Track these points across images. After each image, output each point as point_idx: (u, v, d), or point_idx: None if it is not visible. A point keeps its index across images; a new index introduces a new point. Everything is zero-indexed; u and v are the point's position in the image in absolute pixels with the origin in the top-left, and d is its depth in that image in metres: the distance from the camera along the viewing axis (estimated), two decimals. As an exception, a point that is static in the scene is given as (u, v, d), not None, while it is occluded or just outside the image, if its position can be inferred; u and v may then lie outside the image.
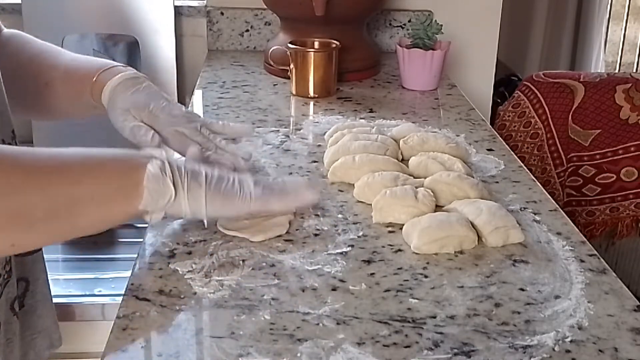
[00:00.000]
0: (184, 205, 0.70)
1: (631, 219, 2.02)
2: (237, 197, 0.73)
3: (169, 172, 0.69)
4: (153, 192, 0.68)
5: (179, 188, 0.70)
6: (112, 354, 0.61)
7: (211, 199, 0.71)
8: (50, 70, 0.91)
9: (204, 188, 0.71)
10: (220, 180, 0.73)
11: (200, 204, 0.71)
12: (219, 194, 0.72)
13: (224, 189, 0.72)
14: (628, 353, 0.63)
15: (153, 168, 0.68)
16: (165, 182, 0.69)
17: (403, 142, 1.04)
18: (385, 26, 1.73)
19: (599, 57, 3.26)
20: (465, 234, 0.79)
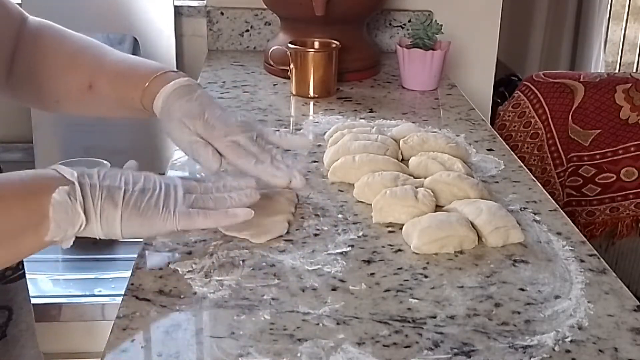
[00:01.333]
0: (97, 229, 0.65)
1: (631, 219, 2.02)
2: (158, 217, 0.68)
3: (79, 196, 0.63)
4: (61, 222, 0.62)
5: (90, 213, 0.64)
6: (112, 354, 0.61)
7: (127, 220, 0.66)
8: (95, 71, 0.86)
9: (120, 208, 0.65)
10: (141, 197, 0.67)
11: (114, 226, 0.66)
12: (137, 213, 0.67)
13: (143, 208, 0.67)
14: (628, 353, 0.63)
15: (59, 196, 0.62)
16: (75, 209, 0.63)
17: (403, 142, 1.04)
18: (385, 26, 1.73)
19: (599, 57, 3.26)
20: (465, 234, 0.79)
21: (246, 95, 1.36)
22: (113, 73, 0.85)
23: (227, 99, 1.33)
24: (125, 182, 0.67)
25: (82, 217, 0.63)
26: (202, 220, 0.70)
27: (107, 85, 0.85)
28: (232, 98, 1.34)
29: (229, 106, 1.29)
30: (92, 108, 0.89)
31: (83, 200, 0.63)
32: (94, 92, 0.85)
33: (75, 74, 0.85)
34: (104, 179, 0.66)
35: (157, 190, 0.69)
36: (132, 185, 0.68)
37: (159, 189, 0.69)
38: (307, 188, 0.76)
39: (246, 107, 1.29)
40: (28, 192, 0.62)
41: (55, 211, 0.62)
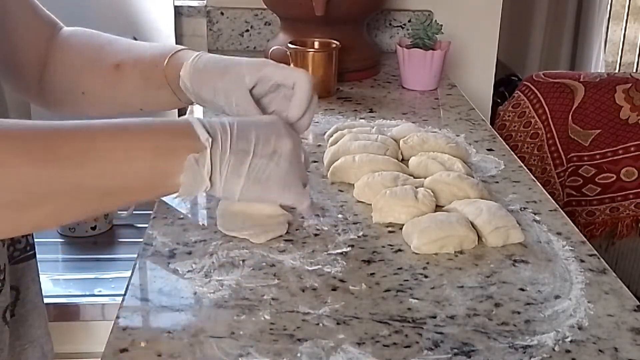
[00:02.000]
0: (217, 192, 0.67)
1: (631, 219, 2.02)
2: (276, 191, 0.69)
3: (207, 164, 0.64)
4: (188, 186, 0.64)
5: (216, 179, 0.65)
6: (112, 354, 0.61)
7: (247, 190, 0.67)
8: (123, 54, 0.86)
9: (243, 179, 0.66)
10: (266, 168, 0.67)
11: (234, 193, 0.67)
12: (259, 185, 0.67)
13: (265, 180, 0.67)
14: (628, 353, 0.63)
15: (189, 164, 0.63)
16: (201, 176, 0.64)
17: (403, 142, 1.04)
18: (385, 26, 1.73)
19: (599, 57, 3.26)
20: (465, 234, 0.79)
21: (246, 95, 1.36)
22: (138, 53, 0.86)
23: (227, 99, 1.33)
24: (256, 143, 0.67)
25: (207, 184, 0.65)
26: (306, 203, 0.72)
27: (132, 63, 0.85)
28: (232, 98, 1.34)
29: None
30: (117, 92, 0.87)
31: (211, 168, 0.64)
32: (121, 71, 0.85)
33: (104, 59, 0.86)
34: (238, 140, 0.66)
35: (284, 160, 0.69)
36: (261, 150, 0.67)
37: (287, 159, 0.69)
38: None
39: (246, 107, 1.29)
40: (158, 153, 0.62)
41: (185, 176, 0.63)
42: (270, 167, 0.68)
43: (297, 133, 0.76)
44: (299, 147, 0.71)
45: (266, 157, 0.67)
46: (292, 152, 0.69)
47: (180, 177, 0.63)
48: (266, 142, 0.68)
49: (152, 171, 0.62)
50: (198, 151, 0.63)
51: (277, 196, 0.70)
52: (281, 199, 0.71)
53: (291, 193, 0.70)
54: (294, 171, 0.70)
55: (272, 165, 0.68)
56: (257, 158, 0.67)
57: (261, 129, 0.68)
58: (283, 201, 0.71)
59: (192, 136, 0.64)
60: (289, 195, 0.70)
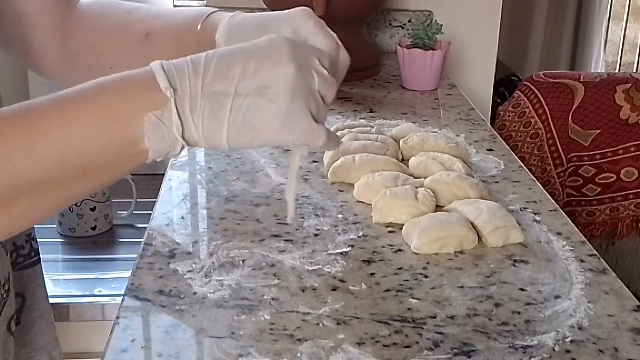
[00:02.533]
0: (201, 144, 0.57)
1: (631, 219, 2.02)
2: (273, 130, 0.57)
3: (175, 118, 0.55)
4: (157, 148, 0.55)
5: (191, 132, 0.56)
6: (112, 354, 0.61)
7: (235, 136, 0.57)
8: (150, 21, 0.78)
9: (226, 125, 0.56)
10: (255, 106, 0.56)
11: (220, 142, 0.57)
12: (249, 127, 0.56)
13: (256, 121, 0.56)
14: (628, 353, 0.63)
15: (151, 124, 0.54)
16: (171, 133, 0.55)
17: (403, 142, 1.04)
18: (385, 26, 1.73)
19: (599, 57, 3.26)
20: (465, 234, 0.79)
21: (246, 95, 1.36)
22: (168, 19, 0.78)
23: (227, 99, 1.33)
24: (239, 78, 0.56)
25: (180, 141, 0.55)
26: (320, 139, 0.59)
27: (162, 30, 0.78)
28: (232, 98, 1.34)
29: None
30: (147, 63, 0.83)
31: (181, 121, 0.55)
32: (151, 40, 0.78)
33: (130, 28, 0.79)
34: (213, 80, 0.55)
35: (281, 94, 0.56)
36: (247, 86, 0.56)
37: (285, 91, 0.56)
38: None
39: (246, 107, 1.29)
40: (114, 120, 0.54)
41: (150, 139, 0.54)
42: (261, 105, 0.56)
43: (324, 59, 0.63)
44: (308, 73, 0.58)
45: (253, 94, 0.56)
46: (294, 82, 0.56)
47: (145, 141, 0.55)
48: (254, 74, 0.56)
49: (114, 141, 0.54)
50: (158, 106, 0.54)
51: (276, 137, 0.58)
52: (282, 138, 0.58)
53: (296, 131, 0.58)
54: (297, 106, 0.57)
55: (264, 103, 0.56)
56: (240, 97, 0.56)
57: (251, 58, 0.57)
58: (286, 140, 0.59)
59: (151, 88, 0.55)
60: (292, 134, 0.58)
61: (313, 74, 0.59)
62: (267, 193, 0.92)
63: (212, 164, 1.02)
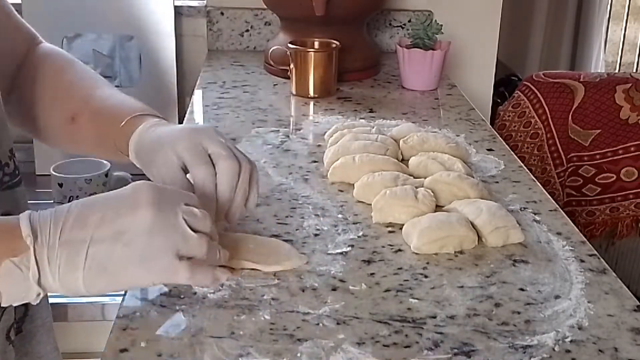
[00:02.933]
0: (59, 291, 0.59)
1: (631, 219, 2.02)
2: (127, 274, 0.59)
3: (33, 266, 0.56)
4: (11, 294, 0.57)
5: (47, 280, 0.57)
6: (112, 354, 0.61)
7: (91, 282, 0.58)
8: (81, 105, 0.82)
9: (81, 271, 0.57)
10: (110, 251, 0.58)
11: (77, 289, 0.59)
12: (103, 273, 0.58)
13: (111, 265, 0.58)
14: (628, 353, 0.63)
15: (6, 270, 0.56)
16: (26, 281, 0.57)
17: (403, 142, 1.04)
18: (385, 26, 1.73)
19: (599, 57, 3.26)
20: (465, 234, 0.79)
21: (246, 95, 1.36)
22: (96, 109, 0.81)
23: (227, 99, 1.33)
24: (96, 226, 0.58)
25: (36, 289, 0.57)
26: (182, 275, 0.61)
27: (87, 121, 0.81)
28: (232, 98, 1.34)
29: (229, 106, 1.29)
30: (73, 142, 0.85)
31: (38, 269, 0.57)
32: (76, 125, 0.82)
33: (62, 106, 0.83)
34: (71, 228, 0.58)
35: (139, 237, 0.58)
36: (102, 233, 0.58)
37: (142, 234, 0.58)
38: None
39: (246, 107, 1.29)
40: None
41: (5, 285, 0.56)
42: (116, 250, 0.58)
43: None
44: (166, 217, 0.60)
45: (109, 240, 0.58)
46: (151, 224, 0.58)
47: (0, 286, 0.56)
48: (111, 221, 0.58)
49: None
50: (18, 253, 0.56)
51: (132, 280, 0.60)
52: (139, 281, 0.60)
53: (153, 272, 0.59)
54: (155, 246, 0.59)
55: (119, 248, 0.58)
56: (95, 245, 0.57)
57: (110, 206, 0.59)
58: (145, 282, 0.61)
59: (14, 234, 0.57)
60: (149, 275, 0.60)
61: (177, 212, 0.61)
62: (267, 193, 0.92)
63: (212, 164, 1.01)
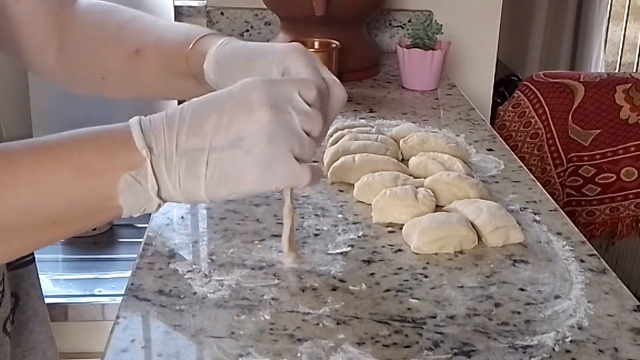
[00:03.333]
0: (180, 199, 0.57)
1: (631, 219, 2.02)
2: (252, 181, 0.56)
3: (151, 177, 0.54)
4: (132, 207, 0.55)
5: (168, 190, 0.55)
6: (112, 354, 0.61)
7: (214, 190, 0.56)
8: (143, 37, 0.78)
9: (203, 180, 0.55)
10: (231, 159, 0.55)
11: (199, 197, 0.56)
12: (225, 181, 0.56)
13: (232, 174, 0.56)
14: (628, 353, 0.63)
15: (125, 183, 0.54)
16: (146, 193, 0.55)
17: (403, 142, 1.04)
18: (385, 26, 1.73)
19: (599, 57, 3.26)
20: (465, 234, 0.79)
21: (246, 95, 1.36)
22: (159, 36, 0.78)
23: (227, 99, 1.33)
24: (213, 132, 0.55)
25: (156, 200, 0.55)
26: (304, 179, 0.58)
27: (153, 48, 0.77)
28: (232, 98, 1.34)
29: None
30: (138, 78, 0.80)
31: (157, 181, 0.55)
32: (141, 56, 0.77)
33: (122, 42, 0.79)
34: (187, 136, 0.55)
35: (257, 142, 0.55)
36: (220, 139, 0.55)
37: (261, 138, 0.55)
38: None
39: (246, 107, 1.29)
40: (88, 175, 0.53)
41: (124, 198, 0.54)
42: (237, 157, 0.55)
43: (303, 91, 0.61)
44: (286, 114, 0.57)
45: (229, 147, 0.55)
46: (269, 128, 0.56)
47: (119, 199, 0.54)
48: (228, 126, 0.55)
49: (87, 196, 0.54)
50: (134, 166, 0.54)
51: (256, 187, 0.57)
52: (264, 187, 0.57)
53: (277, 177, 0.57)
54: (276, 151, 0.56)
55: (240, 155, 0.55)
56: (215, 152, 0.55)
57: (224, 108, 0.56)
58: (268, 188, 0.58)
59: (128, 146, 0.54)
60: (274, 181, 0.57)
61: (291, 112, 0.58)
62: (267, 193, 0.92)
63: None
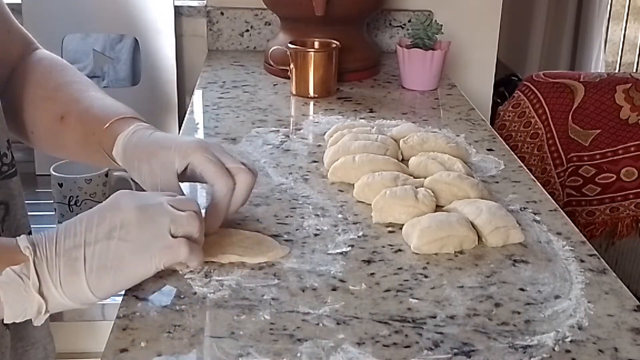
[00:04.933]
0: (67, 304, 0.60)
1: (631, 219, 2.02)
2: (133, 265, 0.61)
3: (32, 275, 0.58)
4: (13, 304, 0.58)
5: (50, 290, 0.59)
6: (112, 354, 0.61)
7: (98, 284, 0.60)
8: (71, 105, 0.83)
9: (84, 277, 0.59)
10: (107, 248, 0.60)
11: (85, 296, 0.60)
12: (106, 271, 0.60)
13: (112, 261, 0.60)
14: (628, 353, 0.63)
15: (7, 277, 0.57)
16: (27, 289, 0.58)
17: (403, 142, 1.04)
18: (385, 26, 1.73)
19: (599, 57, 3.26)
20: (465, 234, 0.79)
21: (246, 95, 1.36)
22: (85, 109, 0.83)
23: (227, 99, 1.33)
24: (86, 231, 0.61)
25: (38, 298, 0.59)
26: (183, 253, 0.64)
27: (76, 118, 0.82)
28: (232, 98, 1.34)
29: (229, 106, 1.29)
30: (61, 142, 0.86)
31: (38, 278, 0.58)
32: (65, 123, 0.83)
33: (53, 105, 0.84)
34: (65, 240, 0.60)
35: (130, 230, 0.61)
36: (95, 235, 0.61)
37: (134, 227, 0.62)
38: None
39: (246, 107, 1.29)
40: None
41: (6, 294, 0.58)
42: (112, 246, 0.61)
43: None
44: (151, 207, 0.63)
45: (104, 239, 0.61)
46: (139, 217, 0.62)
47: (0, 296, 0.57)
48: (100, 223, 0.61)
49: None
50: (18, 263, 0.58)
51: (141, 268, 0.62)
52: (145, 267, 0.63)
53: (155, 255, 0.62)
54: (148, 229, 0.62)
55: (115, 243, 0.61)
56: (90, 246, 0.60)
57: (94, 214, 0.62)
58: (151, 268, 0.63)
59: (13, 249, 0.59)
60: (152, 259, 0.62)
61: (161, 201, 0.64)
62: (267, 193, 0.92)
63: (212, 164, 1.01)
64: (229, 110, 1.27)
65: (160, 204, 0.64)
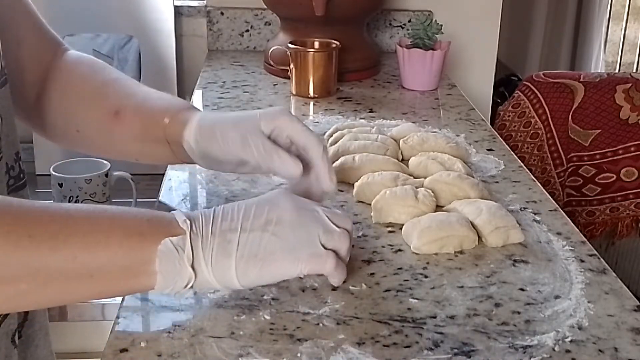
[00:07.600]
0: (212, 282, 0.61)
1: (631, 219, 2.02)
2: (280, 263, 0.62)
3: (188, 248, 0.60)
4: (167, 274, 0.59)
5: (201, 266, 0.60)
6: (112, 354, 0.61)
7: (244, 271, 0.61)
8: (124, 99, 0.82)
9: (234, 259, 0.61)
10: (260, 241, 0.61)
11: (231, 279, 0.61)
12: (255, 262, 0.61)
13: (262, 254, 0.61)
14: (628, 353, 0.63)
15: (165, 247, 0.59)
16: (182, 262, 0.59)
17: (403, 142, 1.04)
18: (385, 26, 1.73)
19: (599, 57, 3.26)
20: (465, 234, 0.79)
21: (246, 95, 1.36)
22: (141, 100, 0.82)
23: (227, 99, 1.33)
24: (244, 218, 0.62)
25: (190, 272, 0.60)
26: (329, 263, 0.64)
27: (133, 112, 0.81)
28: (232, 98, 1.34)
29: (229, 106, 1.29)
30: (113, 139, 0.84)
31: (192, 252, 0.60)
32: (120, 118, 0.81)
33: (103, 100, 0.83)
34: (221, 221, 0.62)
35: (284, 228, 0.63)
36: (251, 223, 0.62)
37: (287, 226, 0.63)
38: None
39: (246, 107, 1.29)
40: (133, 237, 0.59)
41: (161, 263, 0.59)
42: (265, 238, 0.62)
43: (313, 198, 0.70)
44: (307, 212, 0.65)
45: (259, 230, 0.62)
46: (295, 219, 0.63)
47: (156, 263, 0.59)
48: (257, 215, 0.63)
49: (128, 255, 0.58)
50: (176, 235, 0.60)
51: (282, 267, 0.62)
52: (290, 268, 0.63)
53: (302, 259, 0.63)
54: (301, 236, 0.63)
55: (267, 237, 0.62)
56: (245, 233, 0.61)
57: (252, 204, 0.64)
58: (294, 270, 0.63)
59: (171, 221, 0.61)
60: (298, 263, 0.63)
61: (317, 209, 0.66)
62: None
63: (212, 164, 1.01)
64: (228, 110, 1.27)
65: (316, 211, 0.66)
